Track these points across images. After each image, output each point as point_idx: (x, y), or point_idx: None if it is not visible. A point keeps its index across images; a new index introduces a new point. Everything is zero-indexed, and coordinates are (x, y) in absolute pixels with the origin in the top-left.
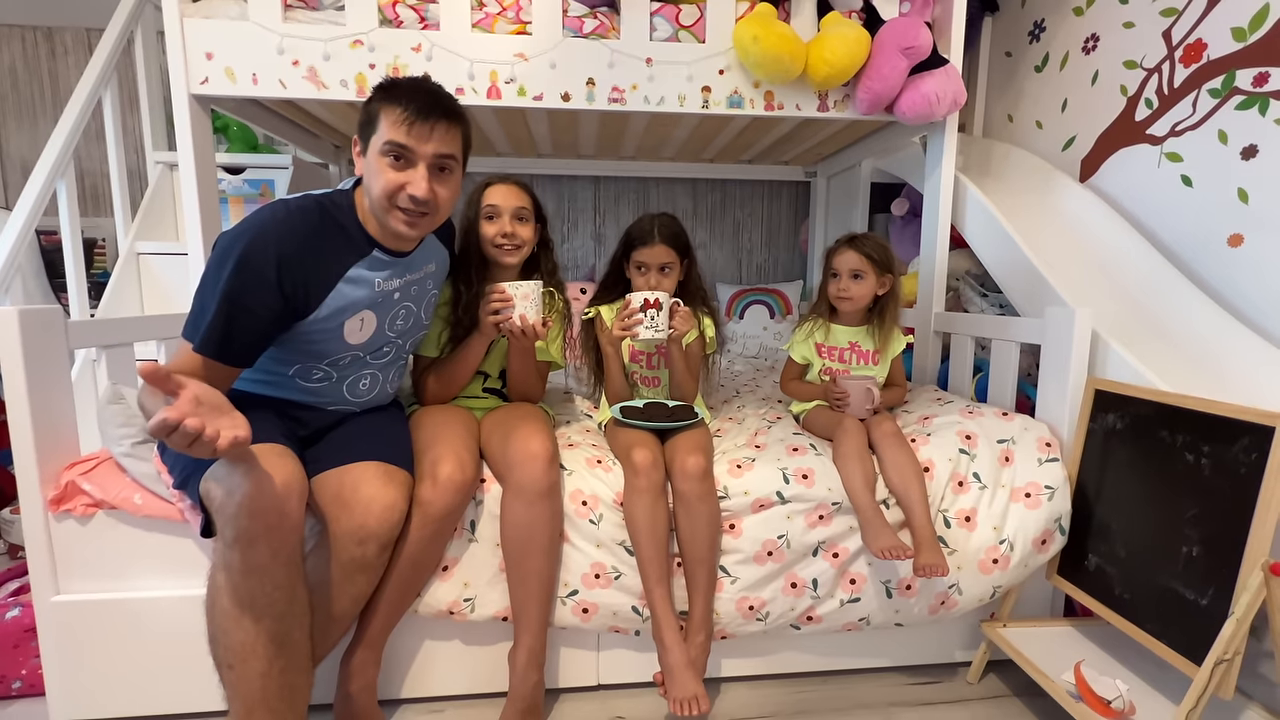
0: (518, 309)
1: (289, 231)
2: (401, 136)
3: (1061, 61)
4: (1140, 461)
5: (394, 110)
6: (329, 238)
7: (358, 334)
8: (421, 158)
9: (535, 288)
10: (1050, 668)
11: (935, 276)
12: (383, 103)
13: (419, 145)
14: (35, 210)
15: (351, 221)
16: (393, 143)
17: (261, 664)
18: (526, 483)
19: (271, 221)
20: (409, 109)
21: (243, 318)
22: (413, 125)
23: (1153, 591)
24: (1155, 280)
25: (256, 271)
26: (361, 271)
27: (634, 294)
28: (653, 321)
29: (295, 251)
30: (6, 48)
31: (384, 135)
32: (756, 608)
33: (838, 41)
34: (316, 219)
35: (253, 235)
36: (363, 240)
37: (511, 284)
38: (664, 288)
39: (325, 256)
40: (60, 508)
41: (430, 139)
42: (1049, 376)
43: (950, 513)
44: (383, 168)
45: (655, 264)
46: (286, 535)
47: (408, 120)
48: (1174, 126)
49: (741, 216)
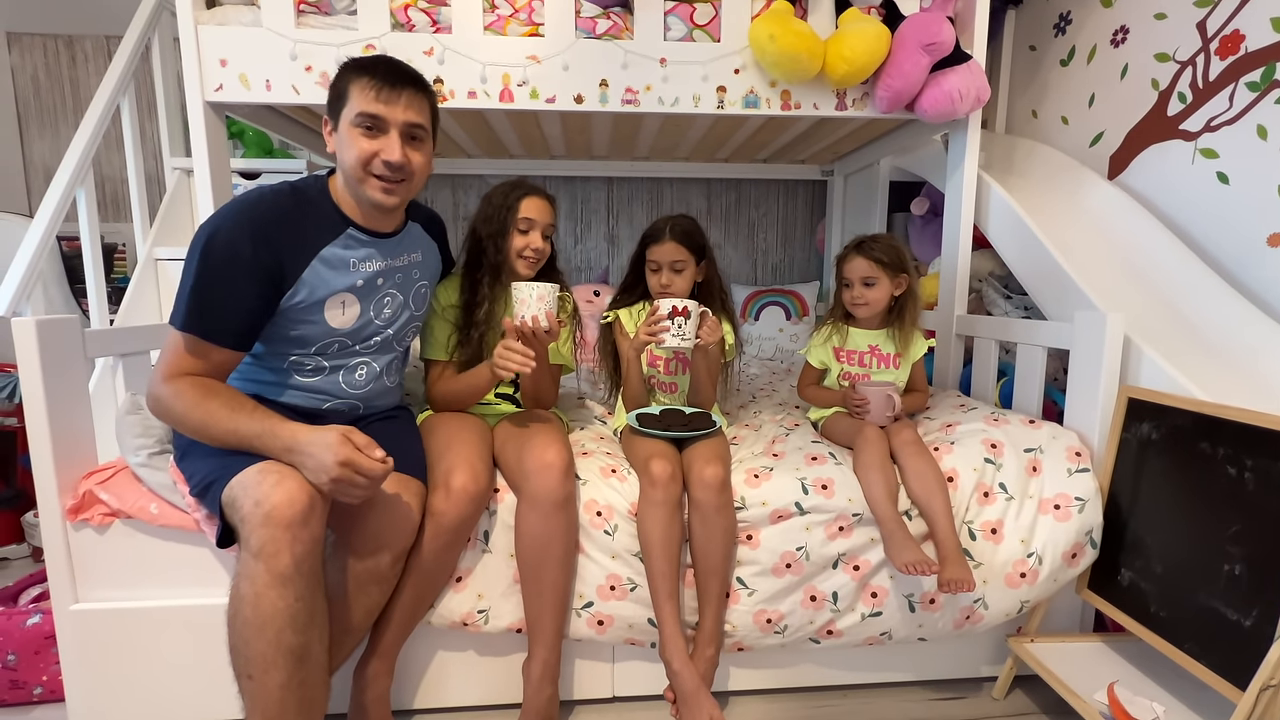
0: (530, 309)
1: (261, 210)
2: (370, 105)
3: (1089, 55)
4: (1177, 474)
5: (362, 80)
6: (302, 217)
7: (340, 318)
8: (393, 124)
9: (550, 290)
10: (1081, 686)
11: (957, 278)
12: (351, 76)
13: (389, 112)
14: (55, 218)
15: (325, 201)
16: (364, 113)
17: (282, 675)
18: (542, 493)
19: (243, 202)
20: (376, 78)
21: (222, 288)
22: (381, 92)
23: (1191, 610)
24: (1190, 282)
25: (230, 245)
26: (336, 250)
27: (663, 300)
28: (680, 330)
29: (268, 227)
30: (29, 56)
31: (355, 107)
32: (774, 621)
33: (857, 38)
34: (289, 199)
35: (225, 214)
36: (337, 219)
37: (526, 284)
38: (677, 286)
39: (299, 234)
40: (78, 517)
41: (399, 105)
42: (1079, 383)
43: (975, 524)
44: (355, 138)
45: (666, 262)
46: (310, 546)
47: (376, 88)
48: (1209, 121)
49: (756, 216)
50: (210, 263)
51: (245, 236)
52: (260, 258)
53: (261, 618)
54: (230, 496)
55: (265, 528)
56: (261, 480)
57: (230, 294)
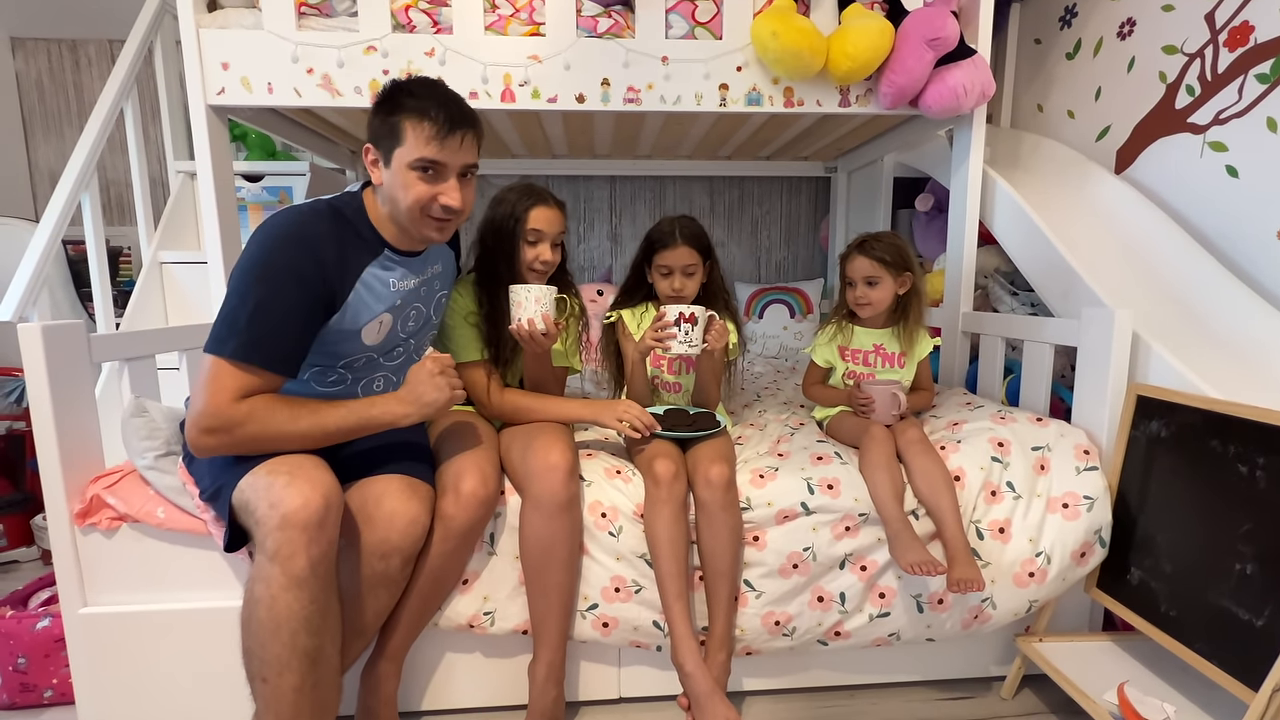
0: (527, 312)
1: (315, 231)
2: (435, 153)
3: (1095, 48)
4: (1187, 472)
5: (422, 125)
6: (345, 239)
7: (375, 335)
8: (452, 170)
9: (548, 292)
10: (1090, 685)
11: (963, 275)
12: (407, 116)
13: (451, 159)
14: (60, 223)
15: (363, 222)
16: (425, 159)
17: (295, 678)
18: (546, 495)
19: (294, 223)
20: (437, 123)
21: (282, 313)
22: (445, 141)
23: (1202, 609)
24: (1199, 278)
25: (292, 268)
26: (376, 272)
27: (669, 307)
28: (687, 337)
29: (324, 249)
30: (33, 61)
31: (414, 151)
32: (783, 623)
33: (860, 34)
34: (331, 222)
35: (280, 236)
36: (375, 241)
37: (522, 286)
38: (688, 291)
39: (344, 256)
40: (86, 521)
41: (460, 151)
42: (1086, 381)
43: (983, 524)
44: (412, 181)
45: (679, 266)
46: (325, 549)
47: (439, 136)
48: (1218, 114)
49: (759, 214)
50: (271, 286)
51: (308, 259)
52: (320, 279)
53: (277, 620)
54: (242, 500)
55: (281, 530)
56: (273, 483)
57: (291, 319)
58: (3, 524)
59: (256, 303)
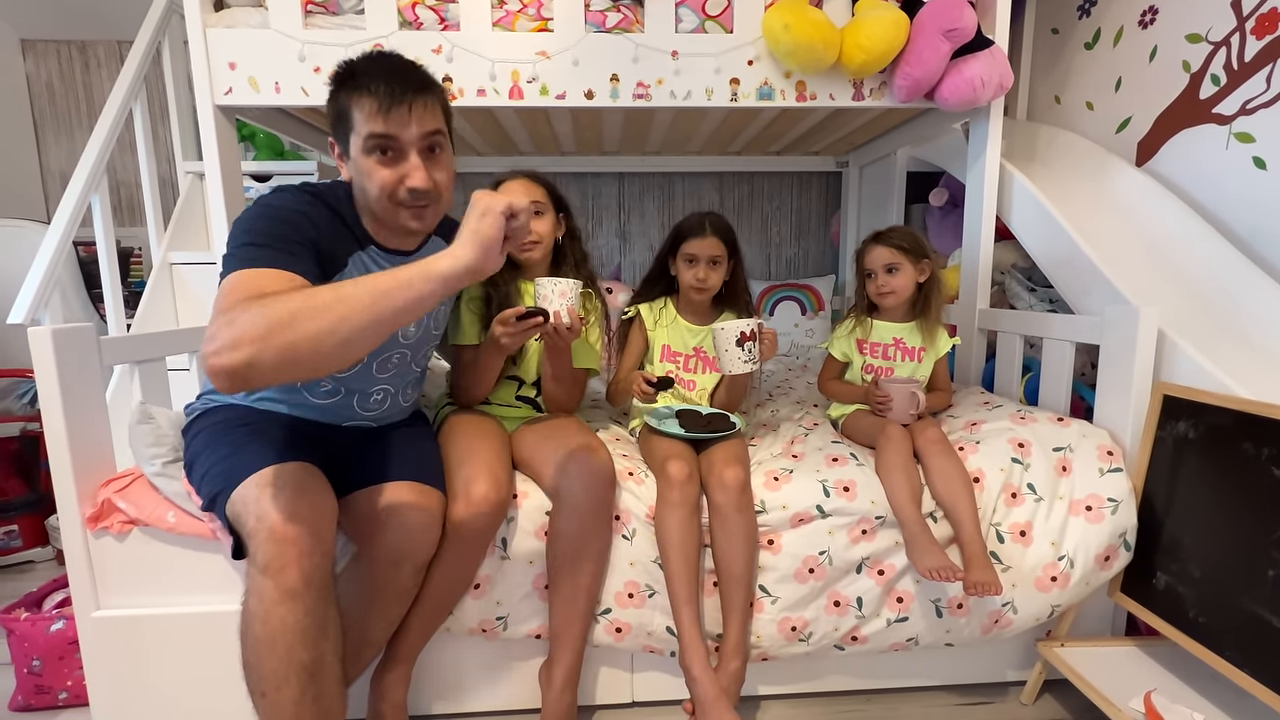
0: (552, 305)
1: (300, 202)
2: (381, 126)
3: (1115, 37)
4: (1217, 474)
5: (364, 99)
6: (332, 223)
7: None
8: (409, 144)
9: (573, 286)
10: (1114, 692)
11: (979, 270)
12: (349, 93)
13: (402, 131)
14: (71, 226)
15: (349, 214)
16: (374, 135)
17: (295, 691)
18: (585, 498)
19: (291, 193)
20: (380, 94)
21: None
22: (390, 112)
23: (1233, 616)
24: (1225, 273)
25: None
26: (365, 261)
27: (724, 328)
28: (750, 354)
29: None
30: (43, 63)
31: (362, 129)
32: (799, 628)
33: (874, 26)
34: (320, 205)
35: (273, 195)
36: (362, 234)
37: (548, 279)
38: (711, 281)
39: (331, 237)
40: (98, 525)
41: (410, 118)
42: (1109, 380)
43: (1003, 526)
44: (371, 167)
45: (706, 256)
46: (319, 560)
47: (383, 108)
48: (1244, 104)
49: (770, 210)
50: (275, 220)
51: (305, 220)
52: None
53: (272, 634)
54: (234, 512)
55: (271, 543)
56: (260, 495)
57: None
58: (18, 524)
59: (264, 229)
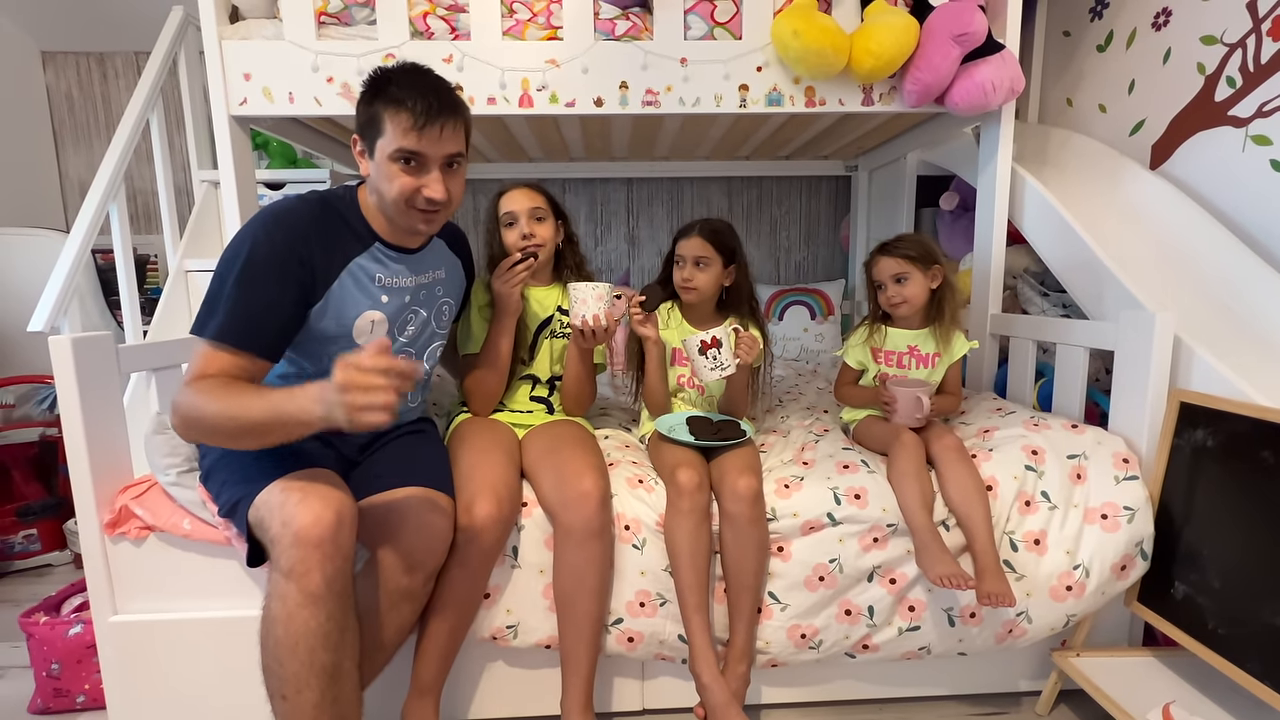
0: (590, 309)
1: (295, 217)
2: (413, 144)
3: (1128, 39)
4: (1235, 483)
5: (400, 115)
6: (332, 228)
7: (367, 335)
8: (433, 160)
9: (608, 289)
10: (1131, 704)
11: (991, 275)
12: (386, 106)
13: (431, 149)
14: (89, 235)
15: (354, 215)
16: (404, 150)
17: (314, 695)
18: (578, 524)
19: (276, 210)
20: (415, 112)
21: (259, 294)
22: (423, 131)
23: (1254, 627)
24: (1242, 277)
25: (269, 248)
26: (364, 264)
27: (687, 340)
28: (716, 360)
29: (304, 230)
30: (62, 74)
31: (393, 142)
32: (809, 636)
33: (884, 31)
34: (319, 210)
35: (259, 222)
36: (366, 233)
37: (585, 284)
38: (698, 282)
39: (329, 243)
40: (115, 531)
41: (440, 141)
42: (1125, 386)
43: (1017, 535)
44: (395, 173)
45: (690, 256)
46: (340, 565)
47: (417, 126)
48: (1261, 106)
49: (779, 214)
50: (247, 268)
51: (283, 241)
52: (297, 259)
53: (294, 637)
54: (257, 517)
55: (295, 548)
56: (285, 500)
57: (267, 300)
58: (36, 529)
59: (235, 285)
